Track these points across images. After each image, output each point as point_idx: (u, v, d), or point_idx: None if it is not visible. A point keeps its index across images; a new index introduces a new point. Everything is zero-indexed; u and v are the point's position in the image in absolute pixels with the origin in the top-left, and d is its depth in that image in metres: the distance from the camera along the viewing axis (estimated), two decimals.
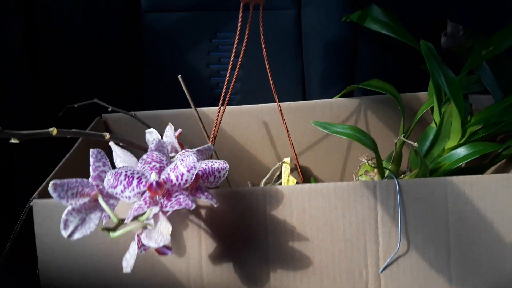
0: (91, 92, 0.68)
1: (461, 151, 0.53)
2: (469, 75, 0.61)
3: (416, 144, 0.50)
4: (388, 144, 0.70)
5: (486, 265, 0.45)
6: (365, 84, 0.65)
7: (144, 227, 0.39)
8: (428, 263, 0.45)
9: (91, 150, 0.40)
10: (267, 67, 0.59)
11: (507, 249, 0.44)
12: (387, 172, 0.57)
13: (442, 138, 0.57)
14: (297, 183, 0.68)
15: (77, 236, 0.38)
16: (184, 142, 0.52)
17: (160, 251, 0.38)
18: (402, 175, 0.60)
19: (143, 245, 0.38)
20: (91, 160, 0.40)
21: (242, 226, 0.45)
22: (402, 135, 0.54)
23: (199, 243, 0.45)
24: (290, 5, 0.79)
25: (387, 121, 0.70)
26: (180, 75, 0.57)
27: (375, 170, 0.59)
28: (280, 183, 0.69)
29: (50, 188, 0.37)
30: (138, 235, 0.39)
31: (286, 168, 0.69)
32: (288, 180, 0.68)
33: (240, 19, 0.53)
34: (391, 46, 0.77)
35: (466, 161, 0.52)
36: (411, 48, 0.62)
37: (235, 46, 0.55)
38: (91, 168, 0.40)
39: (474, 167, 0.58)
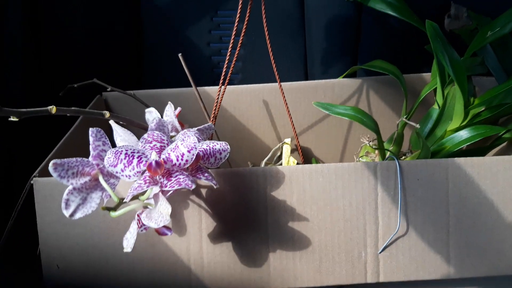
0: (91, 72, 0.68)
1: (464, 133, 0.53)
2: (473, 57, 0.61)
3: (418, 126, 0.50)
4: (390, 125, 0.69)
5: (485, 247, 0.45)
6: (368, 65, 0.64)
7: (145, 207, 0.39)
8: (427, 244, 0.45)
9: (91, 129, 0.40)
10: (269, 46, 0.58)
11: (506, 232, 0.45)
12: (388, 153, 0.57)
13: (444, 120, 0.57)
14: (297, 163, 0.68)
15: (78, 215, 0.38)
16: (184, 122, 0.52)
17: (160, 231, 0.38)
18: (403, 157, 0.60)
19: (143, 224, 0.38)
20: (91, 139, 0.40)
21: (242, 206, 0.45)
22: (404, 117, 0.54)
23: (200, 223, 0.45)
24: None
25: (390, 102, 0.70)
26: (180, 54, 0.57)
27: (376, 151, 0.59)
28: (281, 164, 0.69)
29: (50, 167, 0.37)
30: (138, 215, 0.39)
31: (286, 149, 0.69)
32: (288, 161, 0.68)
33: None
34: (395, 26, 0.76)
35: (468, 143, 0.52)
36: (415, 29, 0.61)
37: (236, 25, 0.54)
38: (90, 147, 0.40)
39: (476, 149, 0.57)
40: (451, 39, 0.56)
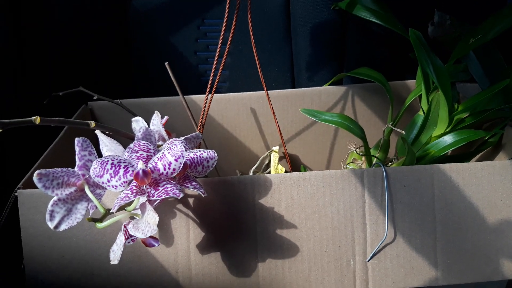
0: (77, 80, 0.67)
1: (448, 139, 0.54)
2: (457, 64, 0.62)
3: (403, 132, 0.51)
4: (376, 131, 0.70)
5: (471, 251, 0.45)
6: (354, 72, 0.65)
7: (131, 218, 0.38)
8: (415, 250, 0.45)
9: (76, 138, 0.40)
10: (255, 54, 0.59)
11: (492, 236, 0.45)
12: (374, 160, 0.57)
13: (429, 125, 0.57)
14: (285, 171, 0.69)
15: (63, 227, 0.38)
16: (171, 131, 0.52)
17: (147, 242, 0.38)
18: (390, 163, 0.60)
19: (130, 236, 0.38)
20: (77, 149, 0.39)
21: (231, 215, 0.45)
22: (390, 123, 0.55)
23: (187, 233, 0.45)
24: None
25: (376, 109, 0.70)
26: (167, 63, 0.57)
27: (363, 158, 0.60)
28: (269, 172, 0.69)
29: (35, 178, 0.36)
30: (125, 226, 0.38)
31: (275, 157, 0.69)
32: (276, 169, 0.68)
33: (227, 6, 0.52)
34: (380, 34, 0.77)
35: (453, 148, 0.52)
36: (399, 37, 0.62)
37: (222, 33, 0.54)
38: (76, 157, 0.39)
39: (461, 155, 0.58)
40: (434, 46, 0.57)
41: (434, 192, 0.45)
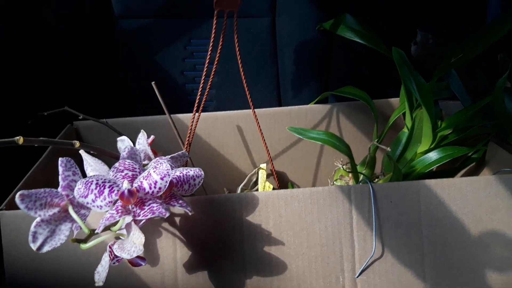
0: (64, 100, 0.67)
1: (433, 155, 0.54)
2: (439, 82, 0.63)
3: (389, 149, 0.51)
4: (362, 148, 0.71)
5: (459, 266, 0.46)
6: (339, 90, 0.66)
7: (117, 238, 0.38)
8: (403, 266, 0.45)
9: (60, 159, 0.39)
10: (242, 73, 0.59)
11: (478, 250, 0.46)
12: (361, 177, 0.58)
13: (414, 142, 0.58)
14: (273, 188, 0.68)
15: (46, 248, 0.37)
16: (158, 150, 0.51)
17: (133, 262, 0.37)
18: (376, 179, 0.61)
19: (115, 256, 0.37)
20: (60, 169, 0.39)
21: (218, 233, 0.44)
22: (376, 140, 0.55)
23: (174, 253, 0.44)
24: (264, 13, 0.80)
25: (361, 127, 0.71)
26: (154, 82, 0.57)
27: (350, 174, 0.60)
28: (257, 189, 0.69)
29: (17, 199, 0.36)
30: (110, 246, 0.38)
31: (262, 174, 0.69)
32: (264, 186, 0.68)
33: (214, 26, 0.53)
34: (364, 53, 0.79)
35: (438, 164, 0.53)
36: (383, 56, 0.63)
37: (209, 53, 0.54)
38: (60, 177, 0.39)
39: (446, 170, 0.59)
40: (417, 65, 0.58)
41: (421, 207, 0.45)
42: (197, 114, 0.59)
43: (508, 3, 0.79)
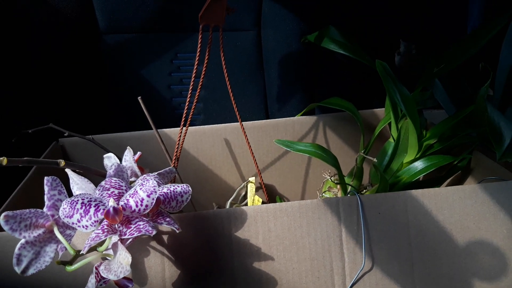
0: (49, 117, 0.66)
1: (419, 165, 0.55)
2: (423, 91, 0.64)
3: (375, 160, 0.52)
4: (349, 159, 0.71)
5: (448, 276, 0.46)
6: (325, 102, 0.66)
7: (103, 259, 0.37)
8: (393, 278, 0.45)
9: (46, 178, 0.39)
10: (229, 87, 0.59)
11: (467, 260, 0.46)
12: (349, 188, 0.58)
13: (400, 152, 0.59)
14: (262, 202, 0.68)
15: (31, 271, 0.36)
16: (146, 165, 0.51)
17: (120, 284, 0.36)
18: (364, 190, 0.61)
19: (102, 278, 0.36)
20: (46, 188, 0.38)
21: (207, 250, 0.44)
22: (362, 151, 0.56)
23: (163, 272, 0.43)
24: (250, 26, 0.81)
25: (347, 137, 0.72)
26: (140, 97, 0.57)
27: (338, 186, 0.60)
28: (246, 203, 0.68)
29: (1, 220, 0.35)
30: (96, 268, 0.37)
31: (251, 187, 0.69)
32: (253, 200, 0.67)
33: (200, 40, 0.53)
34: (348, 65, 0.79)
35: (424, 173, 0.53)
36: (367, 67, 0.64)
37: (195, 67, 0.54)
38: (45, 197, 0.38)
39: (432, 179, 0.59)
40: (401, 74, 0.59)
41: (408, 218, 0.46)
42: (184, 128, 0.58)
43: (487, 16, 0.81)
